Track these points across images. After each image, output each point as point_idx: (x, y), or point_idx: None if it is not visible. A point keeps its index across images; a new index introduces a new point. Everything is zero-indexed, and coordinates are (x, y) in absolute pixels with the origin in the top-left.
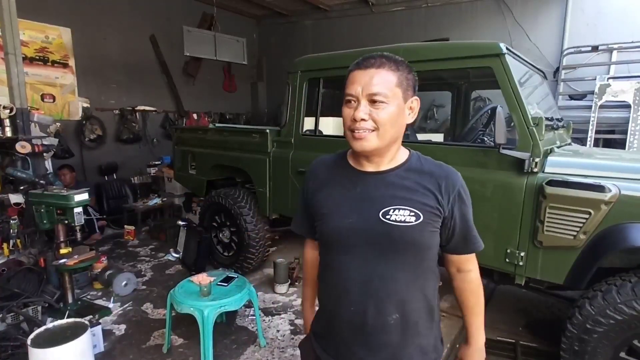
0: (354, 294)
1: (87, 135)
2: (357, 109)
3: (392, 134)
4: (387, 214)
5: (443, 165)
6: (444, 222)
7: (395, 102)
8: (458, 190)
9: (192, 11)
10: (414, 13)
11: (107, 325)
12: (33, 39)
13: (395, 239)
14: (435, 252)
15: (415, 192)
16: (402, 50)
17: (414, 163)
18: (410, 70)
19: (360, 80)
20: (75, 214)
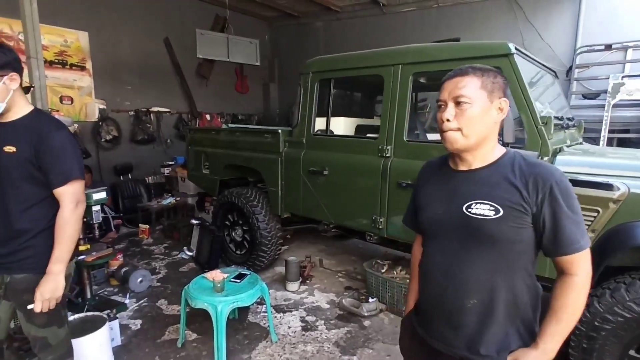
0: (436, 275)
1: (103, 136)
2: (444, 111)
3: (477, 132)
4: (469, 208)
5: (538, 163)
6: (534, 220)
7: (479, 103)
8: (550, 187)
9: (205, 14)
10: (425, 13)
11: (123, 320)
12: (53, 43)
13: (473, 230)
14: (524, 249)
15: (499, 187)
16: (412, 51)
17: (506, 161)
18: (497, 75)
19: (447, 87)
20: (93, 211)
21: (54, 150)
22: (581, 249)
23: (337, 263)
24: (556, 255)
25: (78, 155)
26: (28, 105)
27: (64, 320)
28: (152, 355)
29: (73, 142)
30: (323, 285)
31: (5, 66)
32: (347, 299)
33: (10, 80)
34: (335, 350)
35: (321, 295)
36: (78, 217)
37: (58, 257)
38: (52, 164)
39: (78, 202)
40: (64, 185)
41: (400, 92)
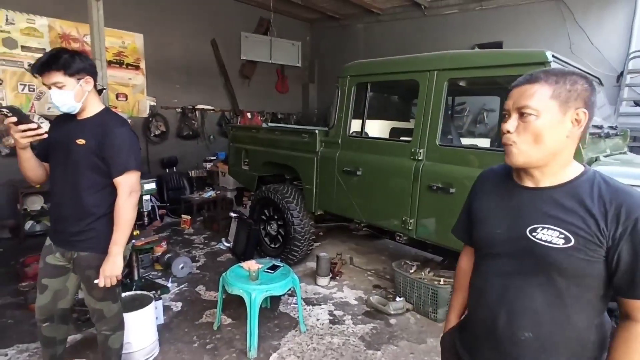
0: (490, 297)
1: (152, 131)
2: (507, 121)
3: (540, 148)
4: (534, 231)
5: (623, 190)
6: (608, 255)
7: (548, 115)
8: (635, 221)
9: (250, 16)
10: (467, 16)
11: (166, 302)
12: (112, 44)
13: (537, 258)
14: (593, 284)
15: (573, 213)
16: (448, 58)
17: (584, 182)
18: (577, 81)
19: (514, 95)
20: (143, 200)
21: (115, 144)
22: None
23: (367, 262)
24: (626, 297)
25: (136, 149)
26: (100, 105)
27: (118, 297)
28: (191, 335)
29: (133, 137)
30: (352, 282)
31: (82, 71)
32: (375, 297)
33: (85, 83)
34: (361, 344)
35: (350, 291)
36: (132, 205)
37: (115, 240)
38: (113, 156)
39: (132, 191)
40: (121, 175)
41: (434, 97)
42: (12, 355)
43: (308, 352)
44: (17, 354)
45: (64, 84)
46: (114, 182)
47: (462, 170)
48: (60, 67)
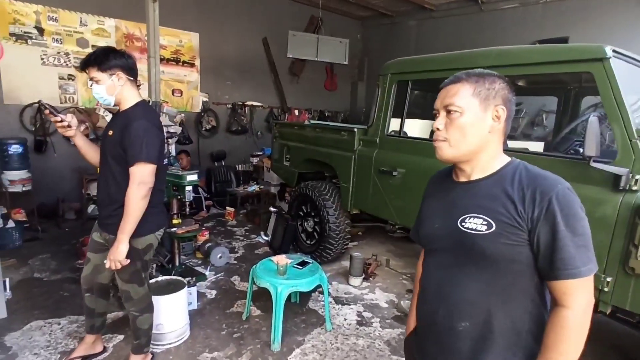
0: (429, 293)
1: (204, 126)
2: (436, 120)
3: (467, 142)
4: (463, 221)
5: (540, 175)
6: (530, 237)
7: (471, 111)
8: (549, 200)
9: (301, 15)
10: (528, 10)
11: (202, 289)
12: (170, 43)
13: (467, 247)
14: (523, 270)
15: (496, 200)
16: (494, 55)
17: (508, 171)
18: (495, 80)
19: (440, 95)
20: (186, 191)
21: (130, 136)
22: (578, 275)
23: (403, 265)
24: (549, 279)
25: (150, 142)
26: (134, 100)
27: (144, 281)
28: (220, 323)
29: (149, 130)
30: (385, 284)
31: (114, 66)
32: (406, 301)
33: (117, 77)
34: (386, 349)
35: (382, 294)
36: (140, 195)
37: (121, 227)
38: (128, 147)
39: (140, 182)
40: (132, 165)
41: None
42: (64, 324)
43: (331, 351)
44: (69, 324)
45: (99, 79)
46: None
47: None
48: (95, 63)
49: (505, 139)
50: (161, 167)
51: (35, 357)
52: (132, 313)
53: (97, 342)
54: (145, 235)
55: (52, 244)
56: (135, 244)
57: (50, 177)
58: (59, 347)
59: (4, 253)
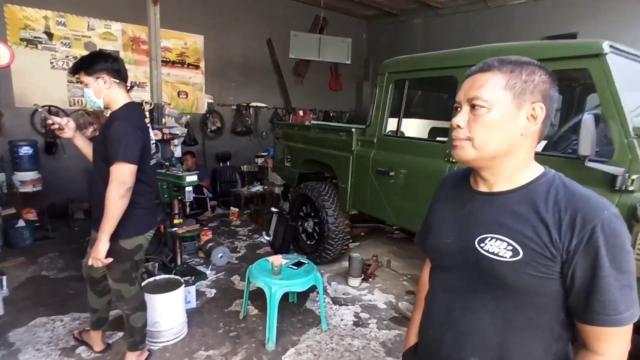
0: (436, 316)
1: (209, 127)
2: (456, 116)
3: (494, 145)
4: (482, 242)
5: (582, 195)
6: (563, 270)
7: (500, 107)
8: (592, 229)
9: (305, 15)
10: (537, 6)
11: (202, 288)
12: (176, 46)
13: (484, 273)
14: (549, 305)
15: (524, 221)
16: (489, 52)
17: (541, 186)
18: (534, 71)
19: (465, 86)
20: (186, 191)
21: (111, 135)
22: (619, 324)
23: (404, 266)
24: (582, 322)
25: (128, 142)
26: (122, 102)
27: (135, 280)
28: (218, 321)
29: (128, 130)
30: (385, 285)
31: (100, 70)
32: (404, 303)
33: (103, 80)
34: (381, 350)
35: (380, 295)
36: (117, 195)
37: (101, 227)
38: (109, 147)
39: (119, 181)
40: (112, 165)
41: None
42: (67, 321)
43: (325, 352)
44: (71, 321)
45: (86, 83)
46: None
47: None
48: (81, 68)
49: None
50: (147, 168)
51: (37, 353)
52: (125, 312)
53: (97, 339)
54: (134, 236)
55: (62, 242)
56: (124, 244)
57: (61, 178)
58: (60, 343)
59: (15, 252)
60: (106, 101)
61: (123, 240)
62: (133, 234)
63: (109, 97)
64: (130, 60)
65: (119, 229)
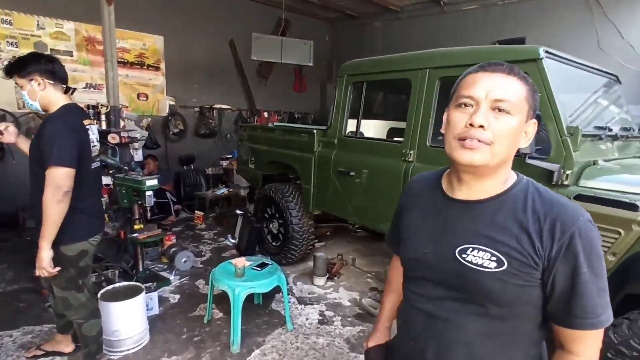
0: (416, 328)
1: (171, 129)
2: (477, 113)
3: (505, 153)
4: (464, 253)
5: (558, 202)
6: (544, 277)
7: (519, 116)
8: (570, 236)
9: (267, 17)
10: (489, 12)
11: (165, 294)
12: (134, 47)
13: (468, 284)
14: (530, 312)
15: (506, 231)
16: (439, 55)
17: (518, 194)
18: (536, 89)
19: (484, 83)
20: (146, 196)
21: (44, 138)
22: (598, 326)
23: (368, 264)
24: (562, 325)
25: (62, 145)
26: (59, 103)
27: (82, 287)
28: (182, 327)
29: (60, 132)
30: (349, 283)
31: (32, 72)
32: (367, 299)
33: (36, 82)
34: (345, 346)
35: (345, 292)
36: (54, 200)
37: (41, 234)
38: (43, 150)
39: (54, 186)
40: (47, 169)
41: (426, 96)
42: (17, 336)
43: (290, 351)
44: (22, 335)
45: (21, 85)
46: None
47: None
48: (13, 70)
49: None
50: (87, 170)
51: None
52: (76, 321)
53: (66, 342)
54: (75, 242)
55: (12, 253)
56: (65, 250)
57: (10, 185)
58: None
59: None
60: (42, 103)
61: (64, 247)
62: (75, 240)
63: (45, 99)
64: (84, 61)
65: (59, 235)
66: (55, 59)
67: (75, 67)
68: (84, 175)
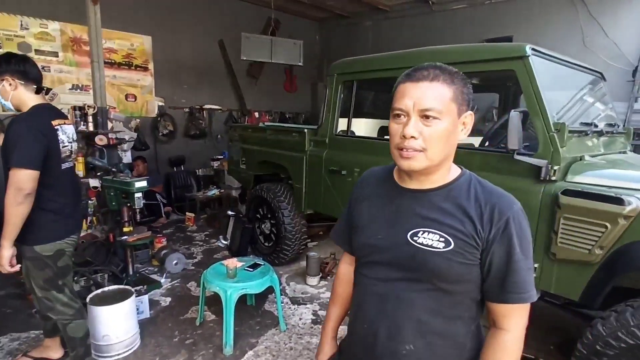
0: (369, 310)
1: (160, 131)
2: (407, 125)
3: (442, 153)
4: (415, 236)
5: (496, 192)
6: (482, 257)
7: (449, 118)
8: (506, 221)
9: (257, 17)
10: (476, 10)
11: (156, 297)
12: (121, 47)
13: (419, 263)
14: (471, 289)
15: (452, 216)
16: (427, 54)
17: (462, 184)
18: (466, 82)
19: (411, 94)
20: (135, 198)
21: (7, 140)
22: (528, 300)
23: None
24: (497, 301)
25: (23, 146)
26: (31, 104)
27: (62, 287)
28: (173, 330)
29: (23, 133)
30: None
31: (3, 73)
32: None
33: (7, 83)
34: None
35: None
36: (15, 202)
37: (2, 234)
38: (6, 152)
39: (16, 188)
40: (9, 171)
41: None
42: (4, 342)
43: (284, 351)
44: (9, 342)
45: None
46: None
47: None
48: None
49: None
50: (56, 172)
51: None
52: (60, 322)
53: (54, 347)
54: (51, 242)
55: None
56: (41, 250)
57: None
58: None
59: None
60: (14, 103)
61: (40, 247)
62: (49, 240)
63: (17, 100)
64: (70, 62)
65: (32, 236)
66: (28, 59)
67: (61, 68)
68: (53, 177)
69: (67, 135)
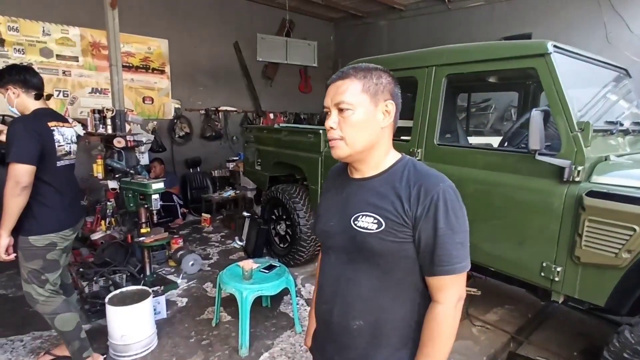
0: (326, 291)
1: (177, 132)
2: (328, 119)
3: (362, 140)
4: (356, 220)
5: (427, 172)
6: (414, 234)
7: (362, 108)
8: (432, 198)
9: (272, 18)
10: (494, 8)
11: (172, 297)
12: (139, 51)
13: (358, 245)
14: (411, 265)
15: (385, 198)
16: (446, 52)
17: (398, 169)
18: (381, 75)
19: (329, 92)
20: (152, 199)
21: (7, 138)
22: (453, 272)
23: None
24: (427, 275)
25: (20, 143)
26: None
27: (45, 282)
28: (190, 330)
29: (21, 131)
30: None
31: (7, 82)
32: None
33: (11, 91)
34: None
35: None
36: (12, 194)
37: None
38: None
39: (13, 181)
40: (7, 165)
41: (433, 94)
42: (27, 341)
43: (300, 353)
44: (32, 340)
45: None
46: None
47: (463, 171)
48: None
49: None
50: (52, 169)
51: None
52: (46, 317)
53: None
54: (44, 234)
55: None
56: (34, 241)
57: None
58: None
59: None
60: (19, 109)
61: (33, 238)
62: (44, 231)
63: (20, 105)
64: (90, 67)
65: (28, 226)
66: (29, 68)
67: (81, 72)
68: (49, 173)
69: (64, 137)
